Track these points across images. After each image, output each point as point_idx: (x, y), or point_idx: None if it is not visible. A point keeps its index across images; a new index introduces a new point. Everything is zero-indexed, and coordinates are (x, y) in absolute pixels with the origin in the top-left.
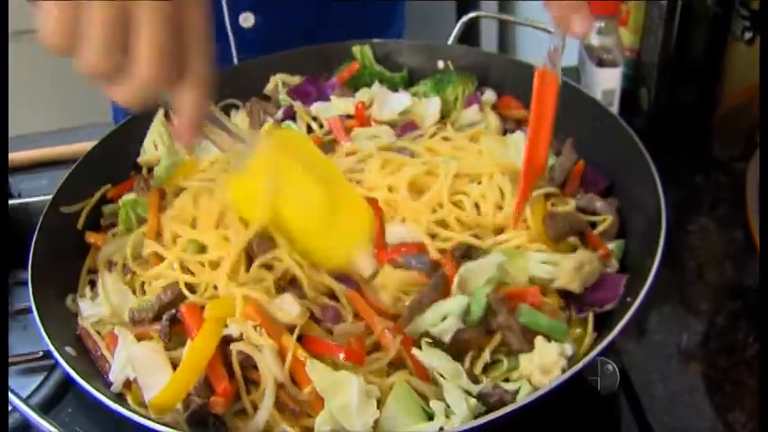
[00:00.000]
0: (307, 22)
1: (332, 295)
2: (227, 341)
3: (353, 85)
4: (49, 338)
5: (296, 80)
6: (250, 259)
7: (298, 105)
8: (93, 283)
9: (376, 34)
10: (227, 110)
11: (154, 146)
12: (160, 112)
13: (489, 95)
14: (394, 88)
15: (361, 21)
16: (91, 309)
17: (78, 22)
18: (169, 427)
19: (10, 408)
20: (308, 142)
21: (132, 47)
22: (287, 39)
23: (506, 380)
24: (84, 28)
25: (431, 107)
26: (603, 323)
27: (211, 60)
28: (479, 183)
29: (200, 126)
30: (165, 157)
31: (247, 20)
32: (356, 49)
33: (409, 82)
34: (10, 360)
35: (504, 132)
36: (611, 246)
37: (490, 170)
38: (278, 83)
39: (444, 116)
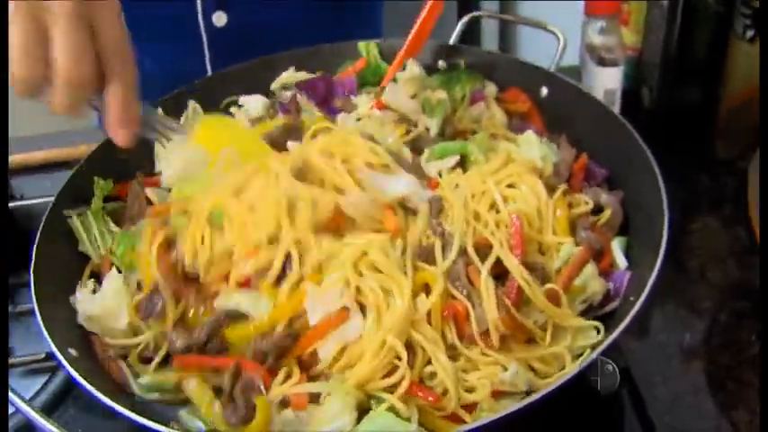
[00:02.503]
0: (280, 22)
1: None
2: None
3: (358, 83)
4: (52, 340)
5: (300, 76)
6: None
7: (302, 99)
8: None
9: (352, 34)
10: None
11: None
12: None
13: (491, 88)
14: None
15: (336, 21)
16: (89, 303)
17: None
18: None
19: (13, 409)
20: (239, 129)
21: (50, 54)
22: (260, 39)
23: None
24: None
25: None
26: (606, 322)
27: (133, 63)
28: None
29: (131, 122)
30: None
31: (220, 19)
32: (362, 46)
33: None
34: (13, 362)
35: (509, 127)
36: (615, 243)
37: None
38: (283, 81)
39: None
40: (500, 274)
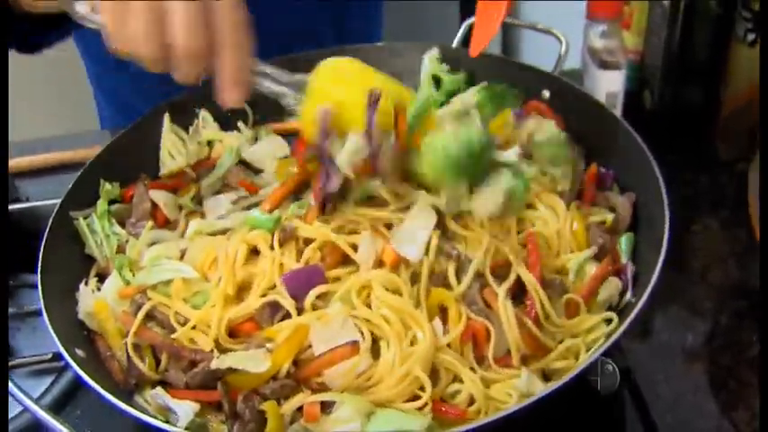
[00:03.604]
0: (296, 25)
1: None
2: None
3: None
4: (59, 340)
5: None
6: None
7: None
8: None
9: (358, 37)
10: None
11: (170, 156)
12: (166, 121)
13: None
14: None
15: (345, 23)
16: (90, 299)
17: (127, 24)
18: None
19: (21, 408)
20: (359, 66)
21: (169, 29)
22: (275, 41)
23: None
24: (133, 26)
25: None
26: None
27: (247, 28)
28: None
29: (244, 83)
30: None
31: None
32: (426, 57)
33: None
34: (20, 362)
35: None
36: (623, 239)
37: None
38: None
39: None
40: (515, 293)
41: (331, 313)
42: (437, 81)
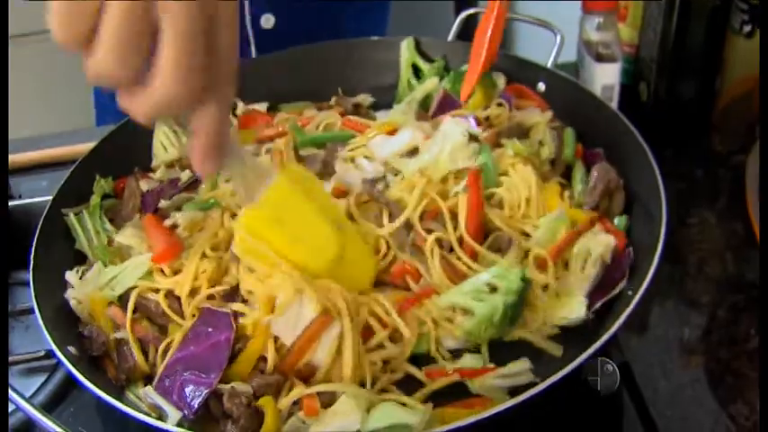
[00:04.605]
0: (324, 23)
1: None
2: None
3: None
4: (52, 338)
5: None
6: None
7: None
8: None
9: (380, 32)
10: None
11: (163, 147)
12: None
13: (500, 81)
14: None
15: (372, 19)
16: (78, 286)
17: (91, 16)
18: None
19: (13, 407)
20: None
21: (156, 55)
22: (307, 41)
23: None
24: (99, 23)
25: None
26: (604, 318)
27: (236, 79)
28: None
29: (222, 151)
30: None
31: (268, 21)
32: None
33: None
34: (12, 360)
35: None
36: (616, 221)
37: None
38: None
39: None
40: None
41: (280, 304)
42: (416, 70)
